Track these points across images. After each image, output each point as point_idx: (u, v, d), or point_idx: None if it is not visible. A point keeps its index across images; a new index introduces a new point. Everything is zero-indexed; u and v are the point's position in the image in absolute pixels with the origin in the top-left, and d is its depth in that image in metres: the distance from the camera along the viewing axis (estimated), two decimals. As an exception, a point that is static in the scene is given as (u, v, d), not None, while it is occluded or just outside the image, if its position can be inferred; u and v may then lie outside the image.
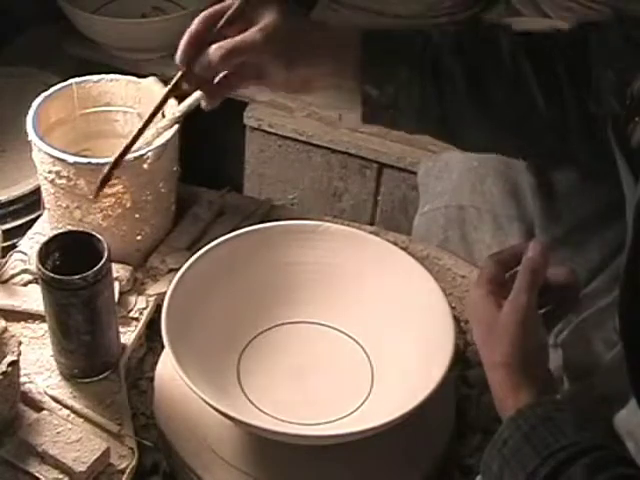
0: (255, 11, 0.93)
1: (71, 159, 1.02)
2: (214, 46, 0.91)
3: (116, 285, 1.02)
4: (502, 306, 0.80)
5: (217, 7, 0.94)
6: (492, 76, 0.93)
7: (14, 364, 0.89)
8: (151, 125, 1.02)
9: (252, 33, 0.91)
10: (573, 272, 0.86)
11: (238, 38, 0.91)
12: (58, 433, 0.90)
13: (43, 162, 1.04)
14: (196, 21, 0.94)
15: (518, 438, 0.75)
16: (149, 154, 1.03)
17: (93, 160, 1.02)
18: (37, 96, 1.10)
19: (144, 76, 1.16)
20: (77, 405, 0.95)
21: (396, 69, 0.94)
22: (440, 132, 0.99)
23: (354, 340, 1.01)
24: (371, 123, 1.00)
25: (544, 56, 0.93)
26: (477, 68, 0.94)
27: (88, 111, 1.15)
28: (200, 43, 0.93)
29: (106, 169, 0.99)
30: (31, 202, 1.30)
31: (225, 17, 0.93)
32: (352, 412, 0.94)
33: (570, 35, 0.96)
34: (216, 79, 0.95)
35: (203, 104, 0.97)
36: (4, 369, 0.87)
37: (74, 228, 1.02)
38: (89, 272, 0.89)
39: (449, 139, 1.00)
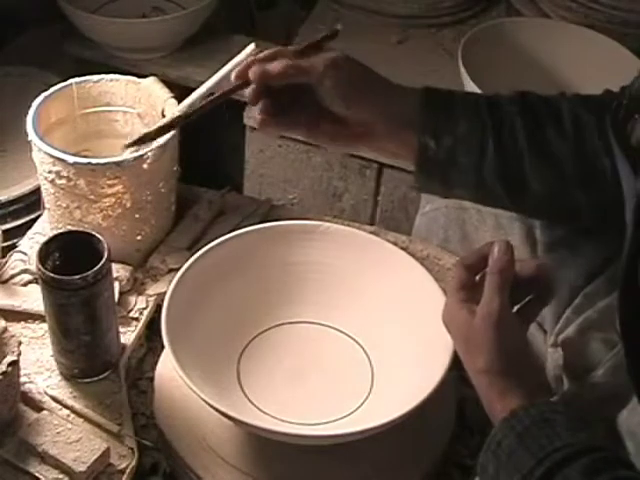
0: (317, 53, 0.92)
1: (71, 159, 1.02)
2: (276, 60, 0.90)
3: (116, 285, 1.02)
4: (476, 312, 0.81)
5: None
6: (554, 132, 0.91)
7: (14, 364, 0.89)
8: (151, 125, 1.02)
9: (316, 58, 0.90)
10: (542, 263, 0.87)
11: (300, 60, 0.90)
12: (58, 433, 0.90)
13: (43, 162, 1.04)
14: (263, 54, 0.93)
15: (512, 439, 0.75)
16: (149, 154, 1.03)
17: (93, 160, 1.02)
18: (37, 96, 1.10)
19: (144, 76, 1.16)
20: (77, 405, 0.95)
21: (455, 121, 0.91)
22: (497, 191, 0.94)
23: (354, 340, 1.01)
24: (424, 183, 0.94)
25: (602, 111, 0.90)
26: (539, 123, 0.91)
27: (88, 111, 1.15)
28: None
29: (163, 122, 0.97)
30: (31, 202, 1.30)
31: (287, 50, 0.92)
32: (352, 412, 0.94)
33: (617, 95, 0.93)
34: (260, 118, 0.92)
35: (255, 123, 0.94)
36: (4, 369, 0.87)
37: (74, 228, 1.02)
38: (89, 272, 0.89)
39: (506, 198, 0.95)
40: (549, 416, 0.75)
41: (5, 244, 1.10)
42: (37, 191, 1.21)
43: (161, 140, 1.05)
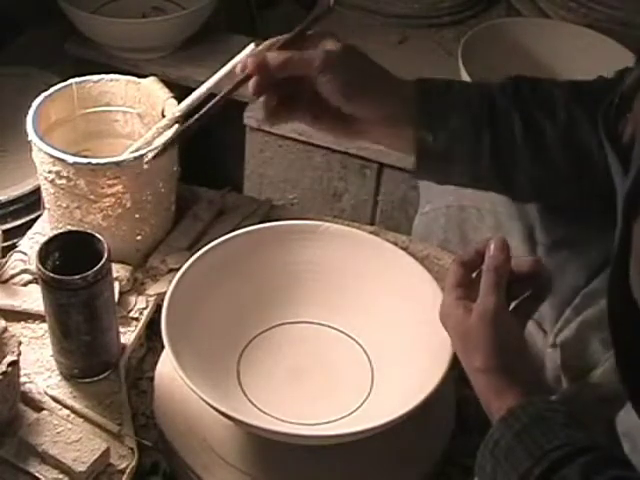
0: (318, 40, 0.92)
1: (71, 159, 1.02)
2: (275, 52, 0.90)
3: (116, 285, 1.02)
4: (472, 310, 0.81)
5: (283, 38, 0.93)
6: (547, 122, 0.91)
7: (14, 364, 0.89)
8: (151, 125, 1.02)
9: (314, 52, 0.90)
10: (538, 260, 0.87)
11: (299, 52, 0.90)
12: (58, 433, 0.90)
13: (43, 162, 1.04)
14: (262, 45, 0.93)
15: (510, 438, 0.75)
16: (149, 154, 1.03)
17: (93, 160, 1.02)
18: (37, 96, 1.10)
19: (144, 76, 1.16)
20: (77, 405, 0.95)
21: (448, 116, 0.92)
22: (493, 181, 0.96)
23: (354, 340, 1.01)
24: (424, 173, 0.96)
25: (594, 102, 0.91)
26: (533, 115, 0.92)
27: (88, 111, 1.15)
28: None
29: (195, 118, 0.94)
30: (31, 202, 1.30)
31: (284, 38, 0.92)
32: (352, 412, 0.94)
33: (612, 81, 0.94)
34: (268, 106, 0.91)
35: (261, 116, 0.92)
36: (4, 369, 0.87)
37: (74, 228, 1.02)
38: (89, 272, 0.89)
39: (502, 187, 0.97)
40: (546, 414, 0.75)
41: (5, 244, 1.10)
42: (37, 191, 1.21)
43: (161, 140, 1.05)
